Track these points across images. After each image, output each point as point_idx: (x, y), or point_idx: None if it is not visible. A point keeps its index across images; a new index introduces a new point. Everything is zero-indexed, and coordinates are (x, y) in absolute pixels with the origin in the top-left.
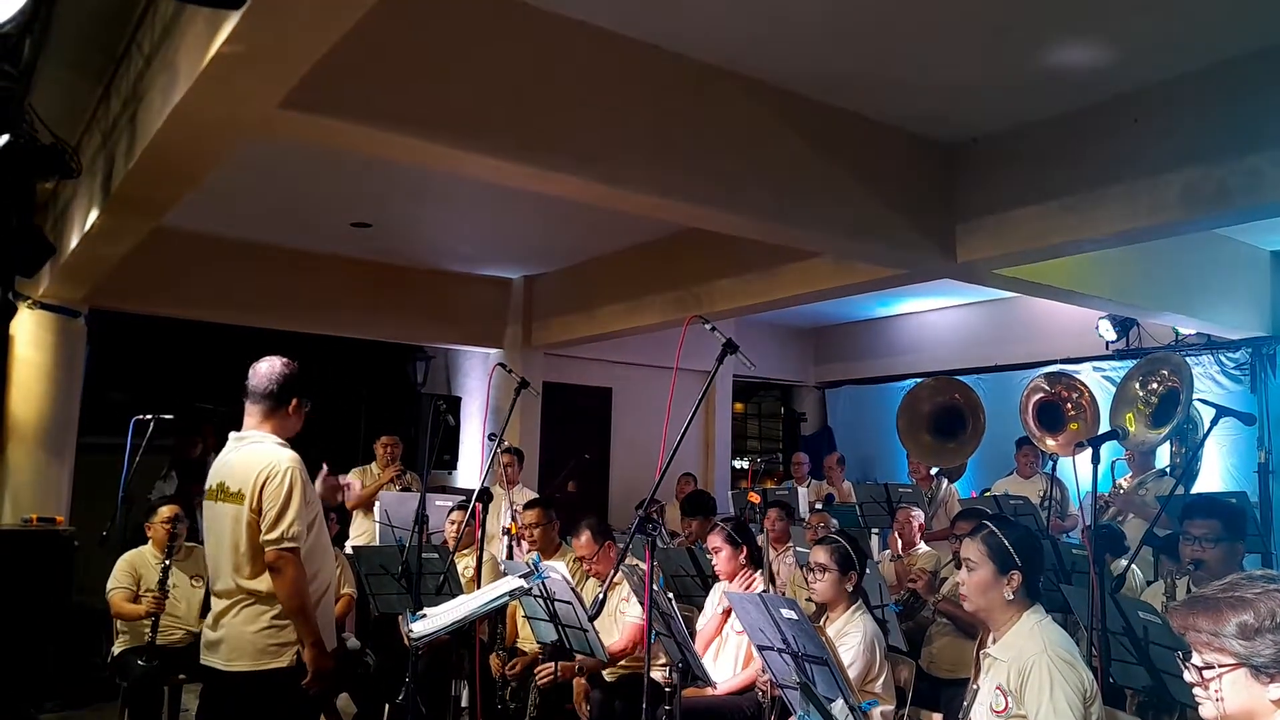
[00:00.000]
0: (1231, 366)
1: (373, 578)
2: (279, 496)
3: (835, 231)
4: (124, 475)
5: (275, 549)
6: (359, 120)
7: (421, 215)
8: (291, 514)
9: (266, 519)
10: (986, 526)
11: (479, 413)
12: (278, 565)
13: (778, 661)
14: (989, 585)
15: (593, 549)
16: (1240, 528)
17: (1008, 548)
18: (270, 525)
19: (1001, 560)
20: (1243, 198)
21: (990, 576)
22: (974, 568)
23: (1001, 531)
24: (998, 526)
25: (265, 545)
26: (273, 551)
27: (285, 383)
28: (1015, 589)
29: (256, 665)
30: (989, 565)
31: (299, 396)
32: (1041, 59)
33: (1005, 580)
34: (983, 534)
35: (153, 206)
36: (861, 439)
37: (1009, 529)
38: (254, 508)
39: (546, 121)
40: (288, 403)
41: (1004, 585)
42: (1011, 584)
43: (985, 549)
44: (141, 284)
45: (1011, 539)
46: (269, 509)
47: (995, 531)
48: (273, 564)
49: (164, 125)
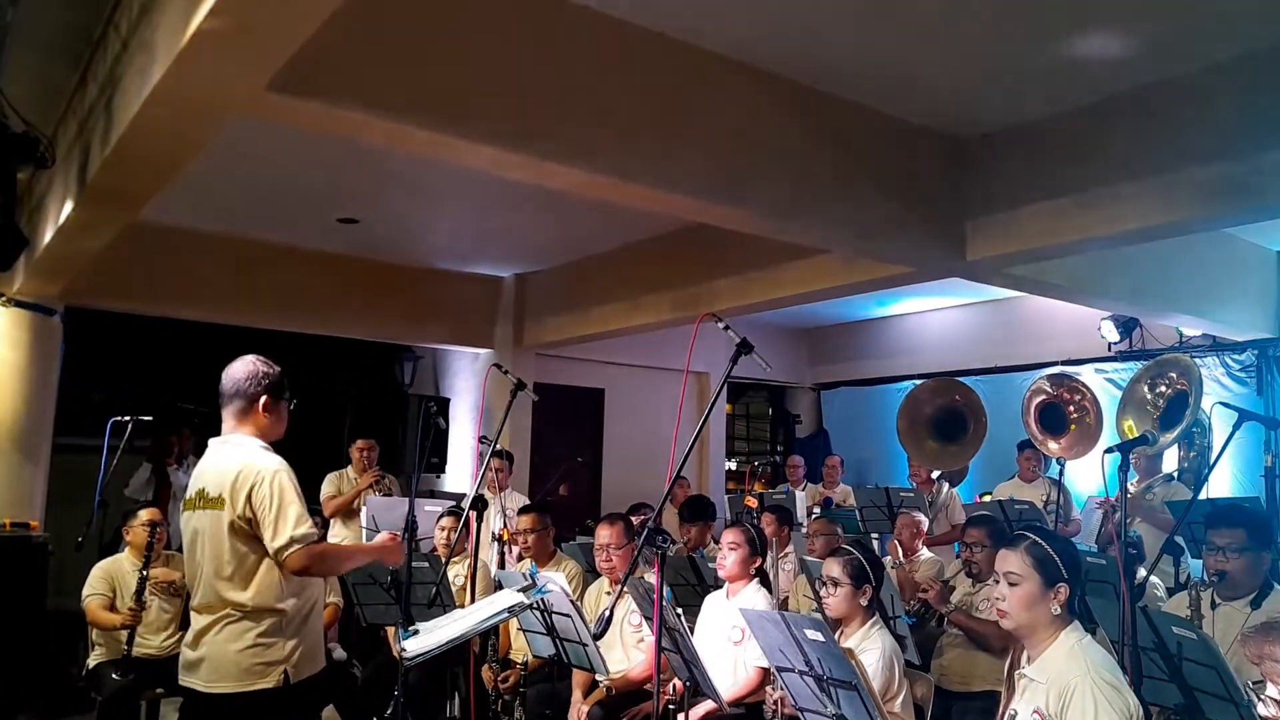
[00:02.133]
0: (1237, 369)
1: (360, 587)
2: (272, 501)
3: (844, 229)
4: (101, 478)
5: (290, 553)
6: (352, 105)
7: (411, 211)
8: (293, 513)
9: (268, 529)
10: (1029, 537)
11: (467, 414)
12: (303, 567)
13: (799, 685)
14: (1035, 600)
15: (620, 541)
16: (1267, 536)
17: (1054, 559)
18: (274, 533)
19: (1048, 573)
20: (1263, 195)
21: (1037, 590)
22: (1018, 581)
23: (1045, 542)
24: (1040, 537)
25: (278, 556)
26: (293, 558)
27: (250, 382)
28: (1062, 603)
29: (241, 686)
30: (1035, 578)
31: (269, 395)
32: (1056, 52)
33: (1052, 594)
34: (1025, 544)
35: (130, 198)
36: (857, 441)
37: (1052, 539)
38: (243, 515)
39: (548, 110)
40: (257, 402)
41: (1051, 600)
42: (1059, 598)
43: (1031, 560)
44: (120, 280)
45: (1056, 549)
46: (266, 517)
47: (1040, 542)
48: (297, 571)
49: (141, 109)
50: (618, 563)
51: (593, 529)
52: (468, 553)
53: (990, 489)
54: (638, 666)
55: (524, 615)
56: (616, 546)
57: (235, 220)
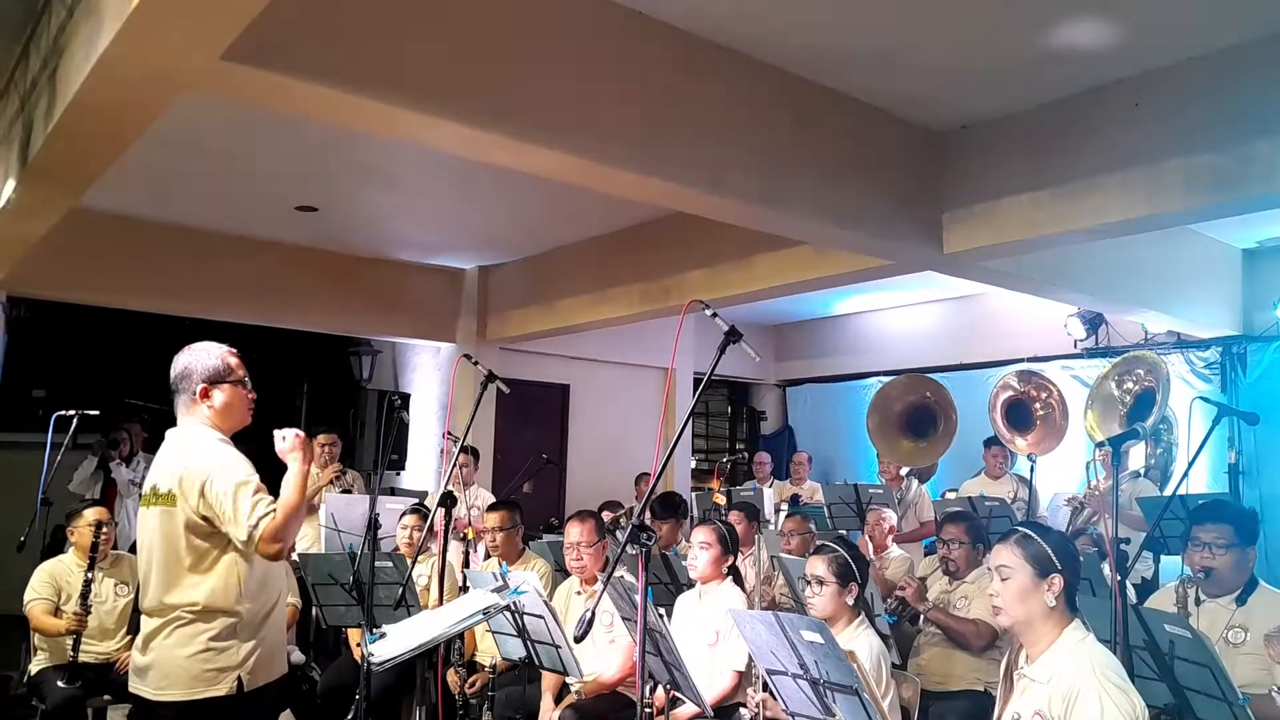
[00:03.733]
0: (1201, 366)
1: (320, 587)
2: (226, 492)
3: (820, 218)
4: (44, 475)
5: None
6: (314, 78)
7: (371, 199)
8: (247, 495)
9: (229, 524)
10: (1019, 530)
11: (427, 410)
12: (275, 547)
13: (791, 689)
14: (1028, 592)
15: (591, 539)
16: (1252, 532)
17: (1046, 550)
18: (236, 524)
19: (1040, 564)
20: (1249, 186)
21: (1029, 582)
22: (1009, 574)
23: (1038, 535)
24: (1034, 530)
25: (250, 546)
26: (263, 542)
27: (187, 370)
28: (1057, 594)
29: (190, 694)
30: (1027, 570)
31: (207, 383)
32: (1038, 41)
33: (1045, 585)
34: (1016, 537)
35: (76, 177)
36: (823, 438)
37: (1044, 533)
38: (199, 511)
39: (522, 89)
40: (195, 392)
41: (1044, 591)
42: (1053, 588)
43: (1021, 552)
44: (66, 269)
45: (1049, 542)
46: (225, 511)
47: (1031, 535)
48: (273, 553)
49: (87, 80)
50: (588, 561)
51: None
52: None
53: (956, 486)
54: (610, 669)
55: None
56: (587, 544)
57: (188, 207)
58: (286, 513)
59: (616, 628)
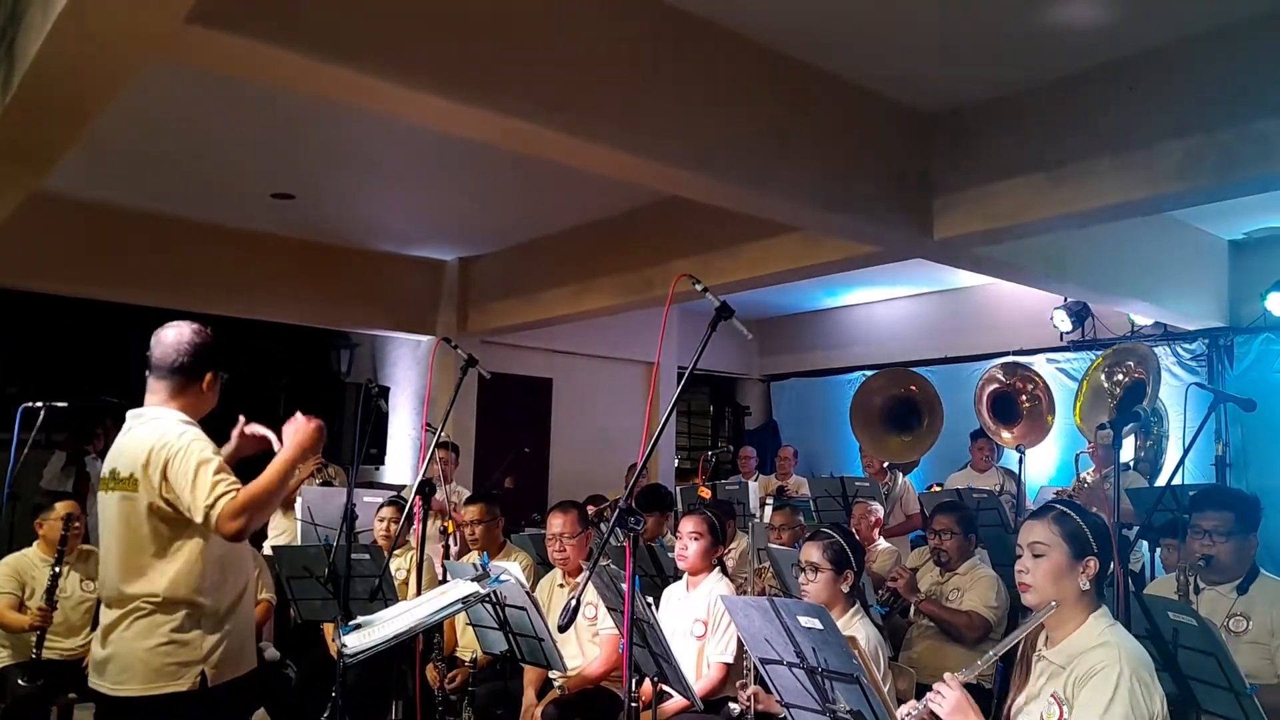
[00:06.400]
0: (1188, 357)
1: (295, 581)
2: (187, 471)
3: (809, 202)
4: (10, 469)
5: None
6: (287, 45)
7: (350, 187)
8: (208, 474)
9: (185, 498)
10: (1056, 507)
11: (407, 404)
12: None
13: (786, 678)
14: (1062, 572)
15: (574, 530)
16: (1254, 519)
17: (1085, 531)
18: (194, 503)
19: (1077, 544)
20: (1249, 166)
21: (1064, 561)
22: (1044, 552)
23: (1075, 514)
24: (1070, 509)
25: (208, 524)
26: (222, 519)
27: (197, 353)
28: (1091, 576)
29: (149, 689)
30: (1063, 549)
31: (214, 370)
32: (1032, 21)
33: (1081, 567)
34: (1053, 514)
35: (37, 155)
36: (807, 433)
37: (1082, 513)
38: (162, 495)
39: (507, 62)
40: (201, 378)
41: (1079, 573)
42: (1088, 571)
43: (1058, 530)
44: (32, 258)
45: (1087, 522)
46: (184, 492)
47: (1069, 513)
48: (233, 533)
49: (44, 45)
50: (571, 553)
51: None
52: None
53: (941, 479)
54: (594, 663)
55: (474, 609)
56: (570, 535)
57: (161, 196)
58: (251, 493)
59: (601, 621)
